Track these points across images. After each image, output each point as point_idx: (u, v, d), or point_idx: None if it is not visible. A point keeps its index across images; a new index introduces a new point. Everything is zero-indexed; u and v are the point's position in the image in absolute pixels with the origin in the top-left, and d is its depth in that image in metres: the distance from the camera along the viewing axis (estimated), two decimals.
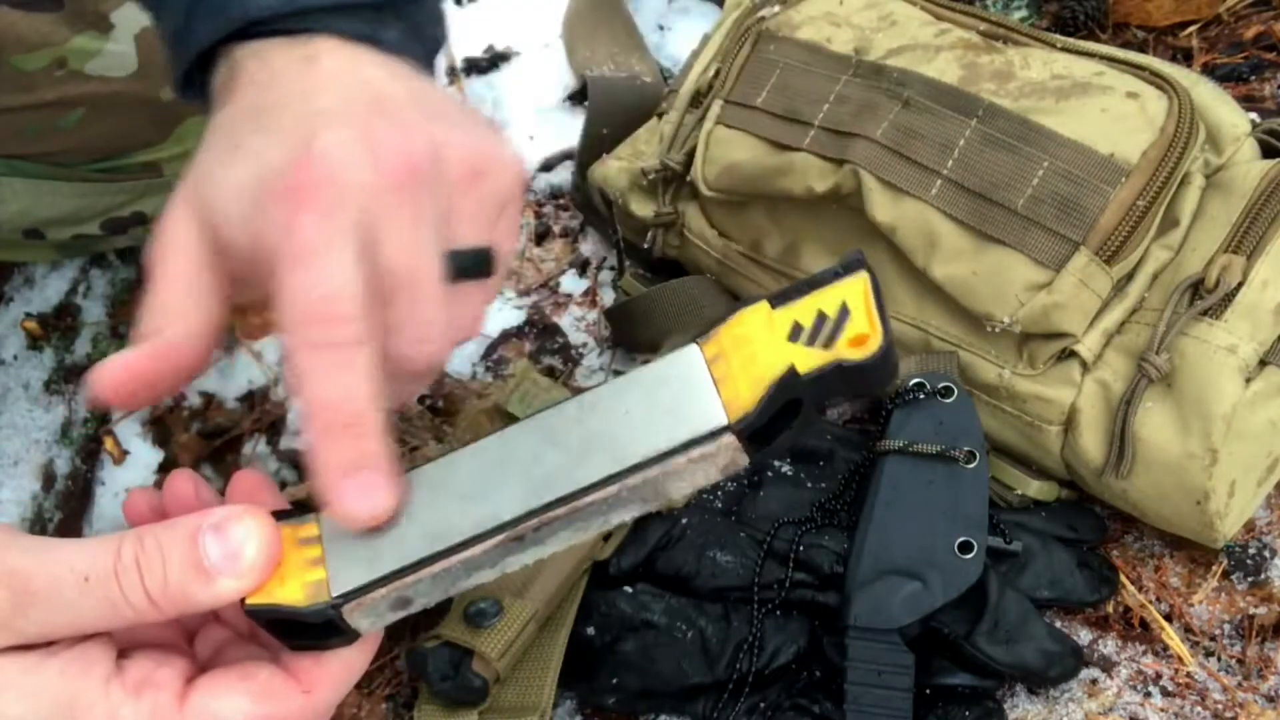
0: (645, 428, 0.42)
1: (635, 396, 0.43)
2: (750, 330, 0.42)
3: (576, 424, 0.43)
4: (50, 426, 0.88)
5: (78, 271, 0.96)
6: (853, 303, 0.42)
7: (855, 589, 0.68)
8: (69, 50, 0.76)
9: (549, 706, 0.69)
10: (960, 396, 0.73)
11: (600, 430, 0.43)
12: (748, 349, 0.42)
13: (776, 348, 0.42)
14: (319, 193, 0.42)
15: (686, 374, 0.43)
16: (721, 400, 0.42)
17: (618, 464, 0.42)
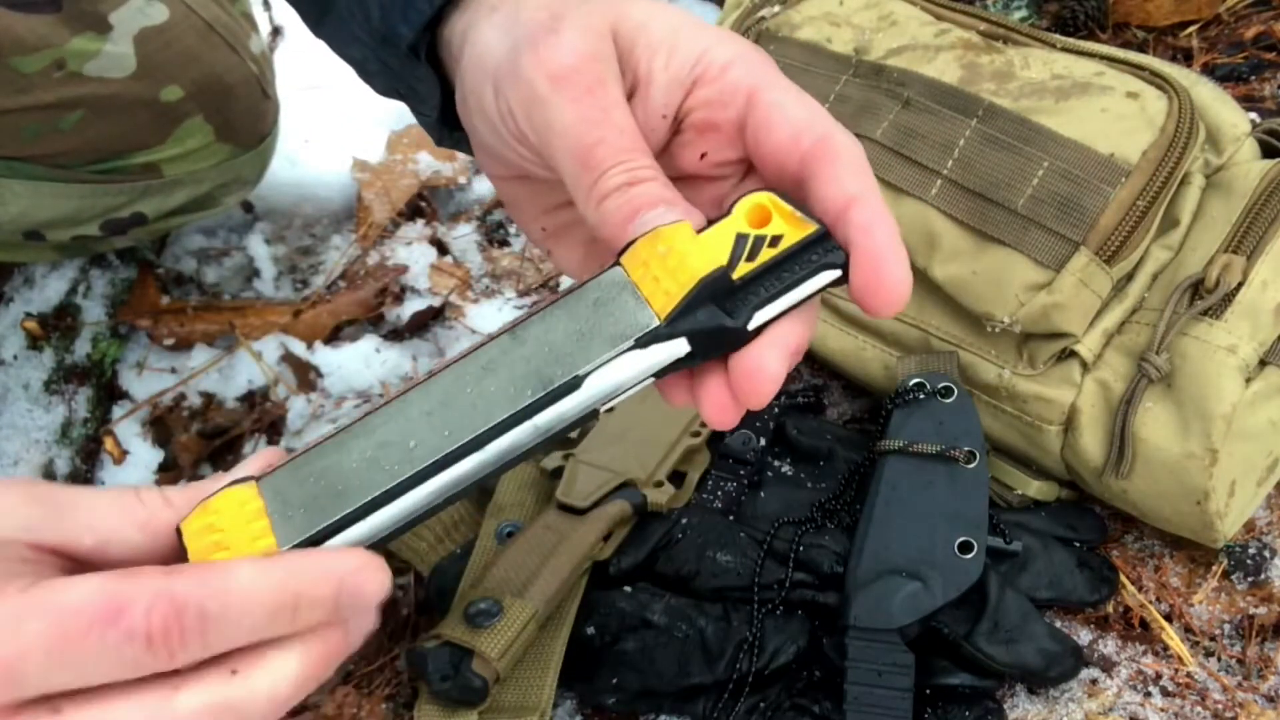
0: (580, 343, 0.43)
1: (564, 318, 0.44)
2: (674, 242, 0.43)
3: (510, 352, 0.44)
4: (50, 426, 0.88)
5: (78, 271, 0.96)
6: (770, 214, 0.44)
7: (855, 589, 0.68)
8: (68, 52, 0.76)
9: (549, 706, 0.69)
10: (960, 396, 0.73)
11: (535, 354, 0.43)
12: (673, 258, 0.43)
13: (704, 253, 0.43)
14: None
15: (611, 289, 0.44)
16: (650, 304, 0.43)
17: (548, 385, 0.42)
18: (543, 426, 0.42)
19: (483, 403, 0.42)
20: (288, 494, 0.42)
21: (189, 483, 0.44)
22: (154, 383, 0.94)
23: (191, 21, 0.79)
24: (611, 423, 0.80)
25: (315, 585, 0.39)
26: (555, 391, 0.42)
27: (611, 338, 0.43)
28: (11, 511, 0.41)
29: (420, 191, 1.03)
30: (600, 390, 0.42)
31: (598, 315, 0.43)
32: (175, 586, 0.38)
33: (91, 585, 0.37)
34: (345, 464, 0.43)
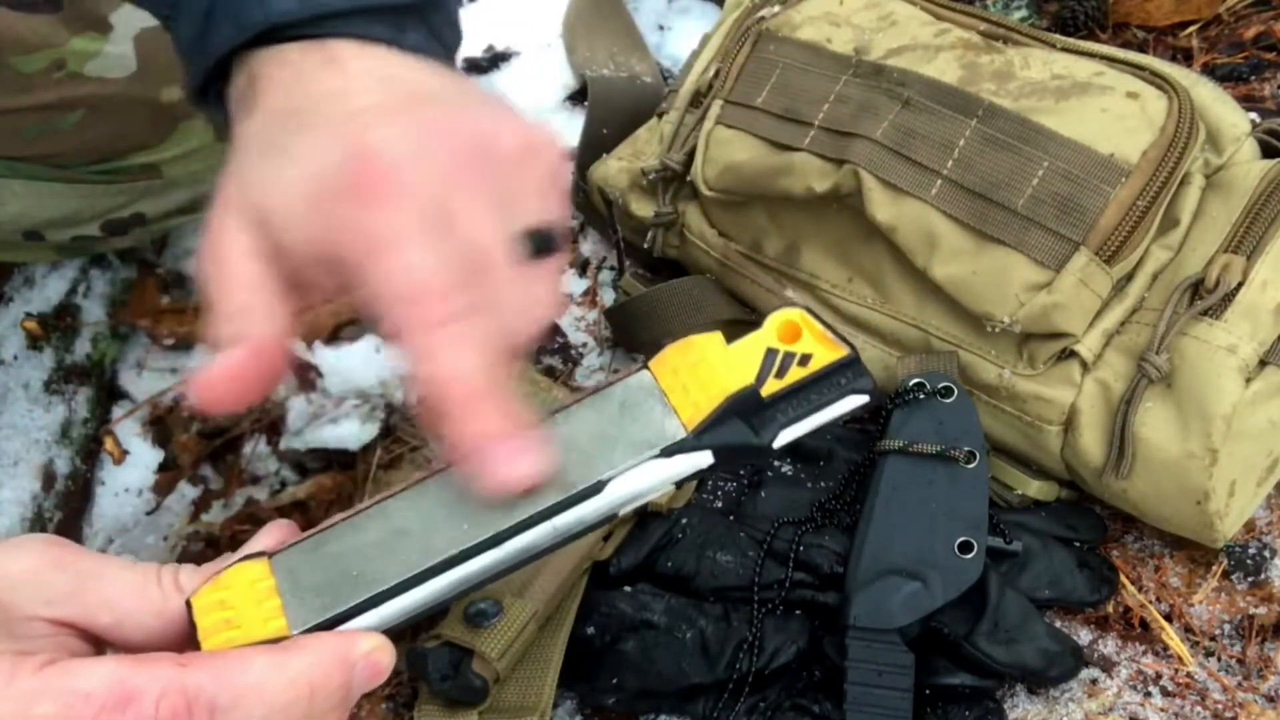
0: (604, 447, 0.43)
1: (590, 419, 0.44)
2: (704, 353, 0.43)
3: None
4: (50, 426, 0.88)
5: (78, 271, 0.96)
6: (801, 330, 0.44)
7: (855, 589, 0.68)
8: (68, 52, 0.75)
9: (549, 706, 0.69)
10: (960, 396, 0.73)
11: (559, 454, 0.43)
12: (704, 368, 0.43)
13: (734, 367, 0.43)
14: (385, 185, 0.42)
15: (639, 393, 0.44)
16: (677, 413, 0.43)
17: (571, 488, 0.42)
18: (561, 528, 0.42)
19: (504, 500, 0.42)
20: (301, 575, 0.42)
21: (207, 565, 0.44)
22: (154, 383, 0.94)
23: None
24: None
25: (329, 676, 0.40)
26: (577, 495, 0.42)
27: (637, 444, 0.42)
28: (34, 579, 0.41)
29: None
30: (622, 496, 0.42)
31: (624, 419, 0.43)
32: (187, 678, 0.38)
33: (104, 671, 0.38)
34: (361, 548, 0.42)
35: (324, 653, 0.40)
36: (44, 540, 0.43)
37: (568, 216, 0.49)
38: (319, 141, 0.44)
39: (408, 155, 0.43)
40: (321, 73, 0.47)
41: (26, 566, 0.41)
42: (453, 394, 0.42)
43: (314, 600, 0.41)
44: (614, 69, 1.04)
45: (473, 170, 0.44)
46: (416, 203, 0.42)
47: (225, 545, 0.84)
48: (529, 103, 1.08)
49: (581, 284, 0.96)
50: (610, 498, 0.42)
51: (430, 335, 0.42)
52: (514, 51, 1.12)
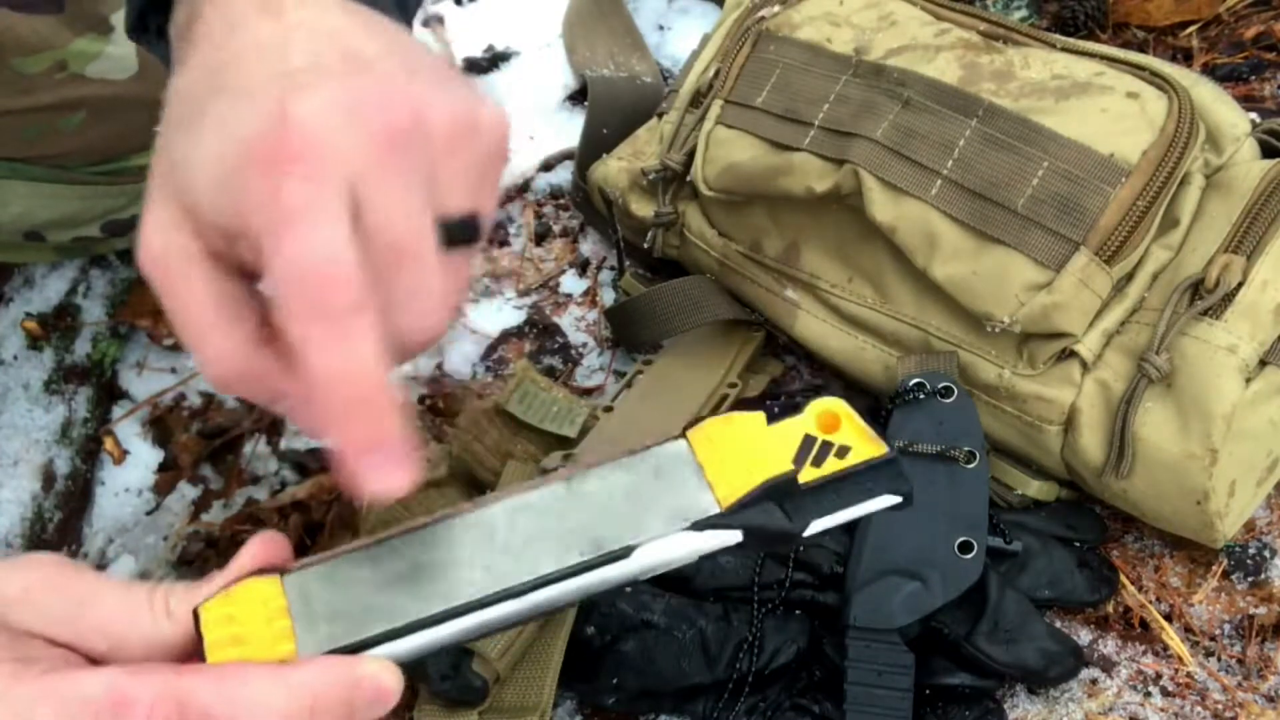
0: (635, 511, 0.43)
1: (623, 481, 0.44)
2: (745, 430, 0.43)
3: (564, 503, 0.43)
4: (50, 426, 0.88)
5: (78, 271, 0.96)
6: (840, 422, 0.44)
7: (855, 589, 0.68)
8: (69, 53, 0.75)
9: (549, 706, 0.69)
10: (960, 396, 0.73)
11: (589, 512, 0.43)
12: (743, 447, 0.43)
13: (773, 449, 0.43)
14: (302, 160, 0.39)
15: (675, 462, 0.44)
16: (712, 489, 0.43)
17: (599, 548, 0.42)
18: (584, 587, 0.42)
19: (529, 551, 0.42)
20: (314, 599, 0.42)
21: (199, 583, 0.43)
22: (154, 383, 0.94)
23: None
24: (611, 423, 0.80)
25: (332, 692, 0.39)
26: (605, 557, 0.42)
27: (669, 513, 0.42)
28: (32, 601, 0.41)
29: None
30: (648, 563, 0.42)
31: (658, 486, 0.43)
32: (183, 685, 0.38)
33: (102, 679, 0.38)
34: (378, 580, 0.42)
35: (327, 669, 0.39)
36: (43, 561, 0.42)
37: (494, 203, 0.46)
38: (241, 106, 0.40)
39: (331, 127, 0.39)
40: (257, 20, 0.43)
41: (23, 588, 0.41)
42: (338, 393, 0.39)
43: (325, 627, 0.41)
44: (614, 69, 1.04)
45: (400, 149, 0.40)
46: (333, 179, 0.39)
47: (225, 545, 0.84)
48: (529, 103, 1.08)
49: (581, 284, 0.96)
50: (637, 563, 0.42)
51: (315, 326, 0.38)
52: (514, 51, 1.12)
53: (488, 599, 0.41)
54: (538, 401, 0.80)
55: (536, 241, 1.00)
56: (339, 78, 0.41)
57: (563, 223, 1.00)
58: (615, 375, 0.90)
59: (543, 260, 0.98)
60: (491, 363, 0.92)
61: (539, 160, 1.04)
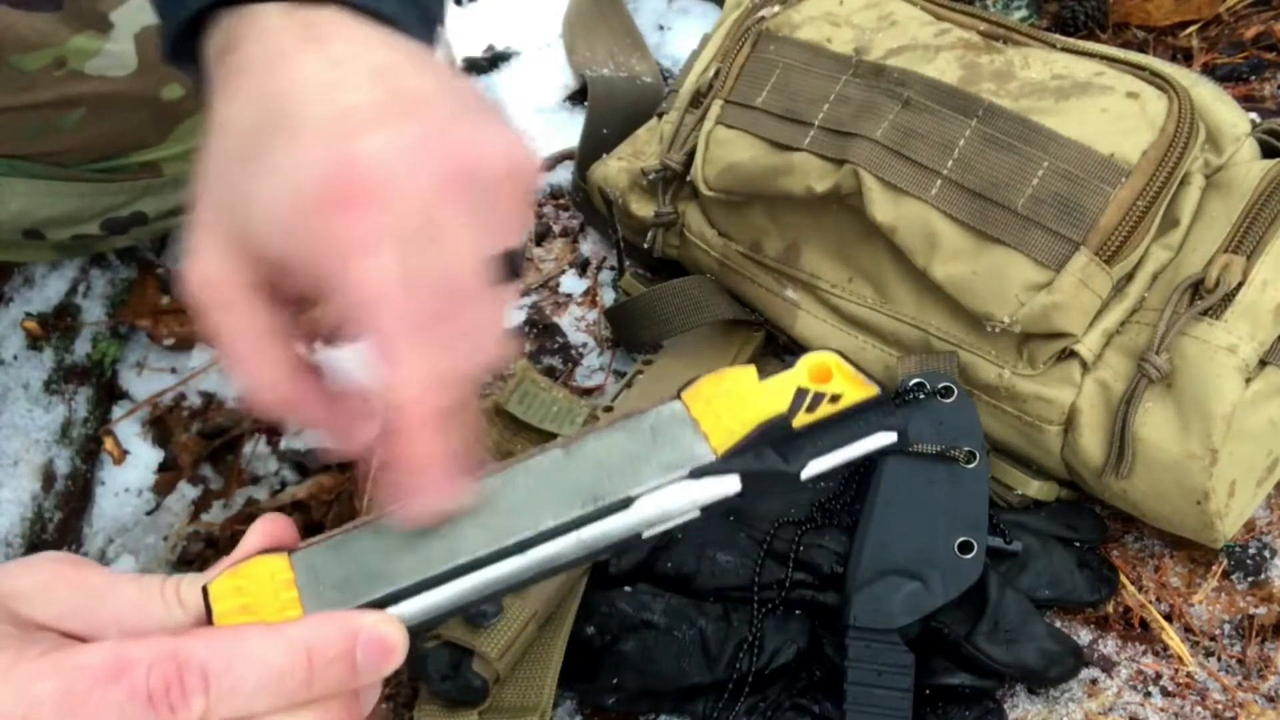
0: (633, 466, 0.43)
1: (620, 440, 0.44)
2: (737, 385, 0.44)
3: (563, 465, 0.44)
4: (50, 426, 0.88)
5: (78, 271, 0.96)
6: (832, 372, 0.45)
7: (855, 589, 0.68)
8: (69, 50, 0.75)
9: (549, 706, 0.69)
10: (960, 396, 0.73)
11: (588, 470, 0.43)
12: (736, 398, 0.44)
13: (767, 398, 0.44)
14: (373, 199, 0.40)
15: (671, 420, 0.44)
16: (708, 439, 0.43)
17: (598, 501, 0.42)
18: (587, 541, 0.42)
19: (530, 509, 0.43)
20: (320, 570, 0.42)
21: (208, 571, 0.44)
22: (154, 383, 0.94)
23: None
24: None
25: (330, 644, 0.39)
26: (605, 508, 0.42)
27: (666, 465, 0.43)
28: (46, 595, 0.42)
29: None
30: (648, 514, 0.43)
31: (655, 442, 0.44)
32: (180, 646, 0.38)
33: (101, 647, 0.38)
34: (383, 548, 0.43)
35: (324, 623, 0.40)
36: (55, 558, 0.43)
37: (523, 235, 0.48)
38: (304, 150, 0.42)
39: (396, 167, 0.41)
40: (304, 53, 0.44)
41: (37, 583, 0.42)
42: (408, 412, 0.41)
43: (331, 594, 0.42)
44: (614, 69, 1.04)
45: (459, 188, 0.42)
46: (398, 216, 0.41)
47: (225, 545, 0.84)
48: (529, 103, 1.08)
49: (581, 284, 0.96)
50: (637, 515, 0.43)
51: (397, 340, 0.40)
52: (514, 51, 1.12)
53: (490, 555, 0.42)
54: (538, 401, 0.80)
55: (536, 241, 1.00)
56: (399, 118, 0.42)
57: (563, 223, 1.00)
58: (615, 375, 0.90)
59: (543, 260, 0.98)
60: None
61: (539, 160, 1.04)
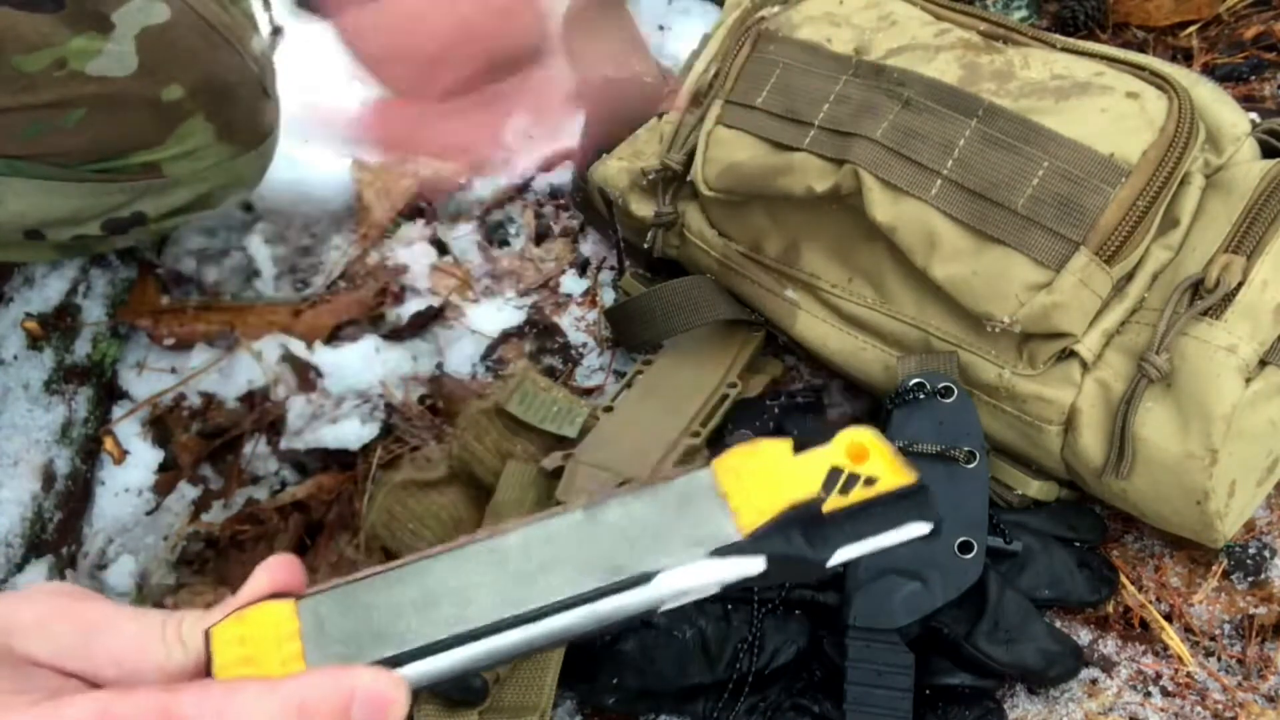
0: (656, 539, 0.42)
1: (644, 509, 0.43)
2: (770, 459, 0.43)
3: (582, 531, 0.43)
4: (50, 426, 0.88)
5: (78, 271, 0.96)
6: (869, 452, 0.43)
7: (855, 589, 0.68)
8: (69, 50, 0.75)
9: (549, 706, 0.69)
10: (960, 396, 0.73)
11: (608, 539, 0.42)
12: (768, 475, 0.42)
13: (799, 478, 0.42)
14: None
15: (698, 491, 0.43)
16: (735, 517, 0.42)
17: (617, 574, 0.41)
18: (602, 614, 0.41)
19: (545, 577, 0.41)
20: (327, 623, 0.41)
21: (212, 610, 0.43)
22: (154, 383, 0.94)
23: (193, 21, 0.79)
24: (611, 423, 0.80)
25: (325, 702, 0.38)
26: (623, 583, 0.41)
27: (690, 541, 0.42)
28: (43, 630, 0.41)
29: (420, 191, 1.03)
30: (668, 591, 0.41)
31: (680, 515, 0.42)
32: (171, 703, 0.37)
33: (91, 701, 0.38)
34: (392, 604, 0.41)
35: (320, 679, 0.39)
36: (54, 590, 0.42)
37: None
38: None
39: None
40: None
41: (35, 617, 0.41)
42: None
43: (337, 649, 0.40)
44: (614, 69, 1.04)
45: None
46: None
47: (225, 545, 0.84)
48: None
49: (581, 284, 0.96)
50: (656, 591, 0.41)
51: None
52: None
53: (501, 624, 0.41)
54: (538, 401, 0.80)
55: (536, 241, 1.00)
56: None
57: (563, 223, 1.00)
58: (615, 375, 0.90)
59: (543, 260, 0.98)
60: (491, 363, 0.92)
61: (539, 160, 1.04)
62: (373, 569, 0.43)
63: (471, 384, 0.91)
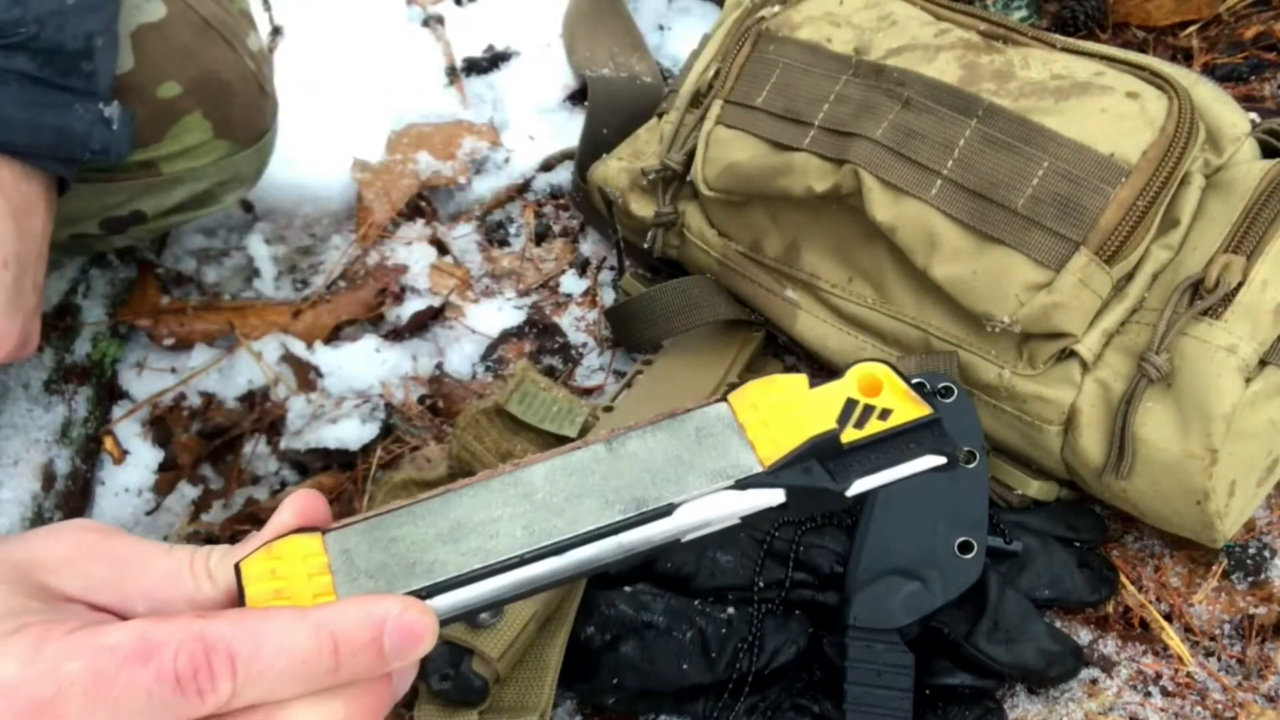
0: (677, 471, 0.42)
1: (665, 441, 0.43)
2: (786, 392, 0.43)
3: (605, 463, 0.43)
4: (50, 426, 0.88)
5: (78, 271, 0.96)
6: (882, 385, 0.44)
7: (855, 589, 0.68)
8: None
9: (549, 706, 0.69)
10: (960, 396, 0.73)
11: (630, 471, 0.43)
12: (785, 408, 0.43)
13: (816, 410, 0.43)
14: None
15: (717, 424, 0.43)
16: (754, 448, 0.42)
17: (640, 506, 0.42)
18: (626, 545, 0.42)
19: (570, 509, 0.42)
20: (355, 555, 0.42)
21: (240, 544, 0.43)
22: (154, 383, 0.94)
23: (189, 18, 0.79)
24: (611, 423, 0.80)
25: (357, 630, 0.39)
26: (646, 514, 0.42)
27: (711, 473, 0.42)
28: (74, 566, 0.41)
29: (420, 191, 1.03)
30: (690, 522, 0.42)
31: (700, 447, 0.43)
32: (208, 629, 0.38)
33: (129, 627, 0.38)
34: (420, 538, 0.42)
35: (351, 608, 0.39)
36: (82, 526, 0.43)
37: None
38: None
39: None
40: None
41: (66, 554, 0.42)
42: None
43: (366, 582, 0.41)
44: (614, 69, 1.04)
45: None
46: None
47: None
48: (529, 103, 1.08)
49: (581, 284, 0.96)
50: (678, 522, 0.42)
51: None
52: (514, 51, 1.12)
53: (528, 555, 0.41)
54: (538, 401, 0.80)
55: (536, 241, 1.00)
56: None
57: (563, 223, 1.00)
58: (615, 375, 0.90)
59: (543, 260, 0.98)
60: (491, 363, 0.92)
61: (539, 160, 1.04)
62: (398, 503, 0.43)
63: (471, 384, 0.91)
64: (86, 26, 0.67)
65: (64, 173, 0.70)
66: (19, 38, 0.64)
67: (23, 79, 0.65)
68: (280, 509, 0.43)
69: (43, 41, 0.65)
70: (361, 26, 1.15)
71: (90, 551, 0.42)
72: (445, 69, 1.12)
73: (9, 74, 0.64)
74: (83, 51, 0.68)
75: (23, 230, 0.66)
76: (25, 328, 0.67)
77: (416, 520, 0.42)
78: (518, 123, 1.08)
